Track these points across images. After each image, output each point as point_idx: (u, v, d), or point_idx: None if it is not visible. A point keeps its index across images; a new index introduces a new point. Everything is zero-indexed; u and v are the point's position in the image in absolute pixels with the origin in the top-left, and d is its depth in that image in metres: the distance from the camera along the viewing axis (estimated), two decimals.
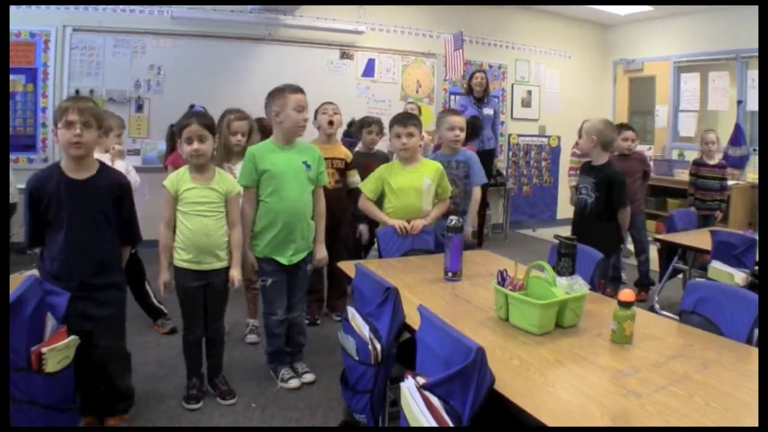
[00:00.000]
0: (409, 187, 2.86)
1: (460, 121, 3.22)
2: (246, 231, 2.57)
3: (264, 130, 3.56)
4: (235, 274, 2.48)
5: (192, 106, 4.04)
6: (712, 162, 4.67)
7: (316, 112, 3.51)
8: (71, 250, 2.02)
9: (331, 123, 3.42)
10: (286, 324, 2.70)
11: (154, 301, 3.33)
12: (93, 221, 2.06)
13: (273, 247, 2.60)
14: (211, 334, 2.56)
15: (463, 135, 3.23)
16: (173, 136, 2.77)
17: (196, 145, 2.37)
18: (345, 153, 3.53)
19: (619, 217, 3.15)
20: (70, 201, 2.02)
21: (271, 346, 2.73)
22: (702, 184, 4.66)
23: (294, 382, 2.68)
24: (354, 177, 3.49)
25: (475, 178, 3.23)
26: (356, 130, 4.10)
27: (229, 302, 2.62)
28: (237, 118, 3.10)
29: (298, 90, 2.59)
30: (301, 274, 2.73)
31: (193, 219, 2.40)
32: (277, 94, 2.58)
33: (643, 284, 4.27)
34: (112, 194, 2.12)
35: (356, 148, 3.89)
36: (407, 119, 2.94)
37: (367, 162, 3.55)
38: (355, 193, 3.25)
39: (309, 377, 2.73)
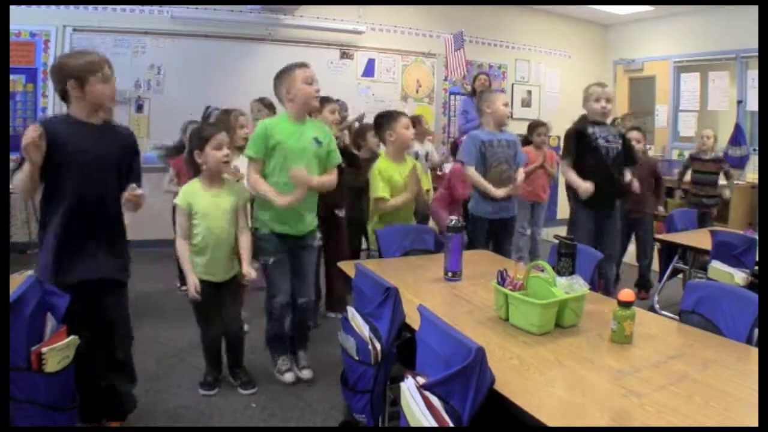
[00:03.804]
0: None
1: (504, 97, 3.34)
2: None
3: (269, 107, 3.75)
4: (247, 270, 2.47)
5: (208, 107, 4.04)
6: (707, 157, 4.72)
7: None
8: (83, 193, 1.98)
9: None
10: (289, 309, 2.62)
11: None
12: (106, 165, 2.04)
13: (278, 221, 2.55)
14: (230, 333, 2.59)
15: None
16: (199, 136, 2.48)
17: (226, 150, 2.43)
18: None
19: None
20: (85, 143, 1.99)
21: (271, 330, 2.66)
22: (696, 179, 4.72)
23: (289, 376, 2.65)
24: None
25: (519, 159, 3.42)
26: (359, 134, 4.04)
27: None
28: (242, 113, 3.27)
29: (304, 64, 2.58)
30: (307, 255, 2.66)
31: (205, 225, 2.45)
32: (284, 73, 2.56)
33: (643, 285, 4.27)
34: (125, 141, 2.14)
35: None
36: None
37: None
38: (359, 192, 3.34)
39: (307, 373, 2.70)
